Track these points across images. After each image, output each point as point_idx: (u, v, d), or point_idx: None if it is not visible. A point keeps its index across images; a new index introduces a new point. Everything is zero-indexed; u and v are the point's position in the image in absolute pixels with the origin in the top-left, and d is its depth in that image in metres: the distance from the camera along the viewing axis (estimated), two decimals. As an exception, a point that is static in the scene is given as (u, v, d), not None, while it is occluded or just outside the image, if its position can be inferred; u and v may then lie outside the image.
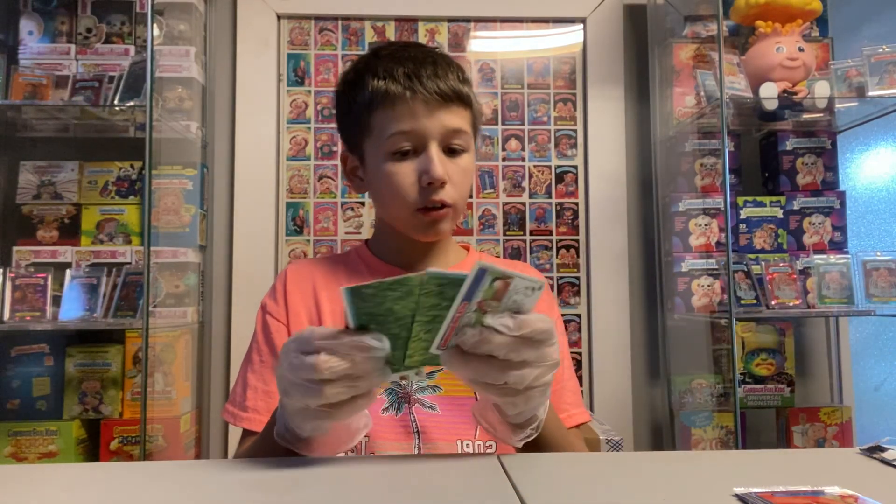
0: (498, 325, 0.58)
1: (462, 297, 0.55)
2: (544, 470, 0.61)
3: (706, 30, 1.85)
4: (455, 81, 0.90)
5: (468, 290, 0.55)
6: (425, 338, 0.59)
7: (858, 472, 0.60)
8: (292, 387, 0.60)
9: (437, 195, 0.88)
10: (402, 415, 0.88)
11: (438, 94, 0.88)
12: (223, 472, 0.61)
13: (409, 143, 0.89)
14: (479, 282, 0.54)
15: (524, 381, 0.61)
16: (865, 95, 1.66)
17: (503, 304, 0.57)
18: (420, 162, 0.88)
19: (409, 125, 0.88)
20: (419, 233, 0.93)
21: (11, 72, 1.64)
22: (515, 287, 0.56)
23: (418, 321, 0.57)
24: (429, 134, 0.88)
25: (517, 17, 1.95)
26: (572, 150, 1.93)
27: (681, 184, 1.84)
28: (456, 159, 0.91)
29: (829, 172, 1.81)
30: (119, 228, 1.70)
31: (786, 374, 1.76)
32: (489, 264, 0.54)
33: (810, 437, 1.73)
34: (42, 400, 1.63)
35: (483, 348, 0.58)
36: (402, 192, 0.90)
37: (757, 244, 1.77)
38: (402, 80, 0.89)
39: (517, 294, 0.57)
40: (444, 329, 0.57)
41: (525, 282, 0.56)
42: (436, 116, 0.88)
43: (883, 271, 1.68)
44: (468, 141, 0.92)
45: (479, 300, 0.56)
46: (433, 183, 0.87)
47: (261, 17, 1.88)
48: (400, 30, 1.93)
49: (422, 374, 0.90)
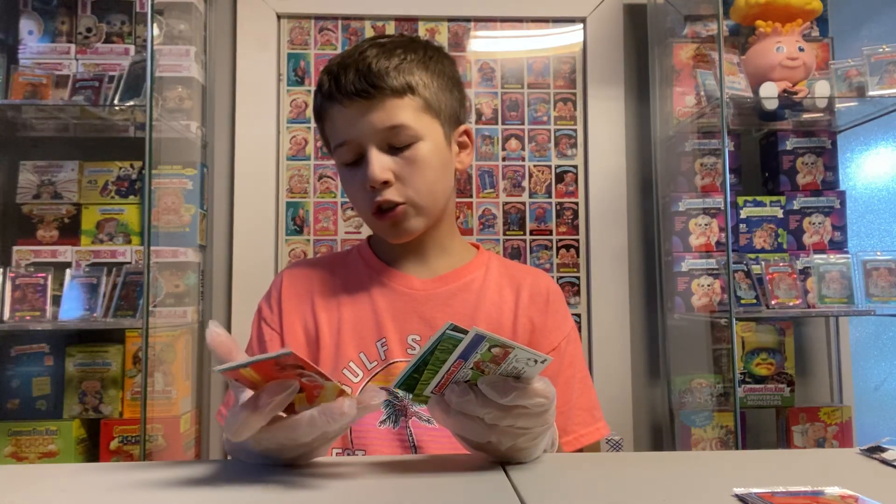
0: (486, 391, 0.55)
1: (457, 356, 0.54)
2: (544, 470, 0.61)
3: (706, 29, 1.85)
4: (384, 75, 0.84)
5: (464, 351, 0.53)
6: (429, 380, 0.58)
7: (858, 472, 0.60)
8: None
9: (382, 196, 0.86)
10: (399, 428, 0.87)
11: (360, 95, 0.84)
12: (223, 472, 0.61)
13: (350, 151, 0.87)
14: (475, 347, 0.53)
15: (509, 444, 0.58)
16: (865, 95, 1.66)
17: (503, 369, 0.55)
18: (363, 168, 0.86)
19: (343, 134, 0.87)
20: (386, 236, 0.92)
21: (11, 71, 1.64)
22: (516, 356, 0.54)
23: (430, 365, 0.55)
24: (362, 138, 0.86)
25: (517, 16, 1.94)
26: (572, 149, 1.93)
27: (681, 183, 1.84)
28: (404, 153, 0.87)
29: (830, 172, 1.81)
30: (119, 228, 1.70)
31: (786, 374, 1.76)
32: (487, 333, 0.52)
33: (810, 437, 1.73)
34: (42, 400, 1.63)
35: (466, 408, 0.56)
36: (354, 199, 0.91)
37: (757, 244, 1.77)
38: (327, 90, 0.88)
39: (517, 363, 0.55)
40: (438, 378, 0.56)
41: (527, 354, 0.54)
42: (365, 119, 0.85)
43: (883, 271, 1.68)
44: (417, 129, 0.86)
45: (477, 360, 0.54)
46: (374, 186, 0.86)
47: (261, 17, 1.88)
48: (400, 29, 1.93)
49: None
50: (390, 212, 0.87)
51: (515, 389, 0.55)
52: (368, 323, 0.92)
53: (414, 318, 0.92)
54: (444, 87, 0.91)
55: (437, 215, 0.93)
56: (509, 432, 0.57)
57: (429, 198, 0.89)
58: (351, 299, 0.94)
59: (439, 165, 0.90)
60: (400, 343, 0.91)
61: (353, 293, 0.95)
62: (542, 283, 0.99)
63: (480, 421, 0.56)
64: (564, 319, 0.98)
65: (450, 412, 0.57)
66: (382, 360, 0.90)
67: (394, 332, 0.91)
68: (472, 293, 0.95)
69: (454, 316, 0.90)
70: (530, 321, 0.95)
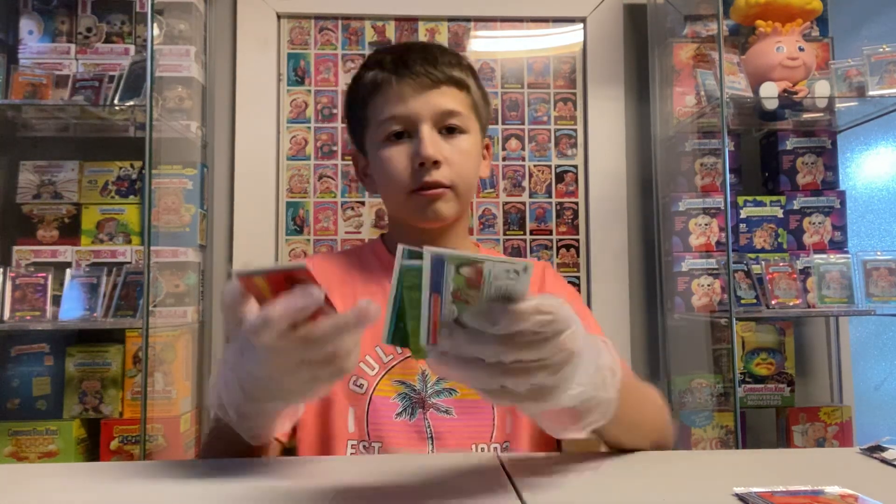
0: (471, 323, 0.48)
1: (428, 290, 0.47)
2: (544, 470, 0.61)
3: (706, 29, 1.85)
4: (446, 65, 0.89)
5: (432, 282, 0.47)
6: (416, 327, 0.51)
7: (858, 471, 0.60)
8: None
9: (431, 176, 0.87)
10: (416, 420, 0.87)
11: (426, 75, 0.87)
12: (223, 472, 0.61)
13: (400, 125, 0.88)
14: (441, 273, 0.47)
15: (526, 385, 0.49)
16: (865, 95, 1.66)
17: (485, 293, 0.47)
18: (413, 144, 0.87)
19: (399, 108, 0.87)
20: (417, 216, 0.90)
21: (11, 71, 1.64)
22: (493, 273, 0.47)
23: (409, 308, 0.49)
24: (419, 115, 0.87)
25: (517, 16, 1.94)
26: (572, 149, 1.93)
27: (681, 183, 1.84)
28: (453, 139, 0.89)
29: (830, 172, 1.81)
30: (119, 228, 1.70)
31: (786, 374, 1.76)
32: (445, 250, 0.46)
33: (810, 437, 1.73)
34: (42, 399, 1.63)
35: (459, 350, 0.48)
36: (395, 175, 0.88)
37: (757, 244, 1.77)
38: (390, 67, 0.89)
39: (498, 280, 0.47)
40: (425, 323, 0.49)
41: (504, 265, 0.46)
42: (426, 97, 0.87)
43: (883, 271, 1.68)
44: (466, 122, 0.90)
45: (453, 291, 0.47)
46: (424, 163, 0.86)
47: (261, 17, 1.88)
48: (400, 29, 1.93)
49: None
50: (430, 190, 0.87)
51: (504, 312, 0.47)
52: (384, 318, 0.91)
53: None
54: (484, 99, 0.96)
55: (464, 209, 0.95)
56: (521, 370, 0.49)
57: (467, 188, 0.92)
58: (367, 294, 0.93)
59: (477, 162, 0.94)
60: None
61: (369, 288, 0.94)
62: (536, 270, 1.00)
63: (481, 363, 0.49)
64: (562, 288, 1.02)
65: (448, 362, 0.49)
66: (399, 354, 0.90)
67: None
68: None
69: None
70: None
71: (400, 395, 0.87)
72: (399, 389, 0.88)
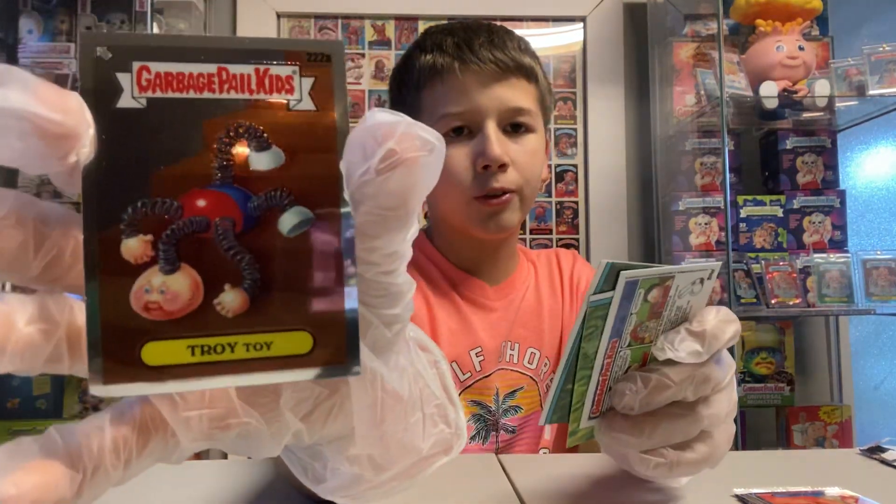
0: (682, 353, 0.38)
1: (610, 334, 0.36)
2: (544, 470, 0.61)
3: (706, 28, 1.85)
4: (515, 51, 0.78)
5: (615, 321, 0.36)
6: (583, 394, 0.39)
7: (858, 472, 0.60)
8: None
9: (497, 181, 0.75)
10: (489, 443, 0.80)
11: (494, 63, 0.76)
12: (223, 472, 0.61)
13: (461, 121, 0.76)
14: (627, 305, 0.36)
15: (723, 413, 0.41)
16: (865, 94, 1.66)
17: (664, 321, 0.38)
18: (475, 143, 0.76)
19: (462, 103, 0.76)
20: (479, 227, 0.78)
21: (11, 71, 1.64)
22: (678, 289, 0.37)
23: (580, 369, 0.38)
24: (484, 111, 0.76)
25: (517, 16, 1.94)
26: (572, 148, 1.93)
27: (681, 182, 1.83)
28: (519, 139, 0.78)
29: (830, 171, 1.81)
30: (119, 227, 1.70)
31: (786, 373, 1.76)
32: (638, 271, 0.35)
33: (810, 436, 1.73)
34: (42, 399, 1.63)
35: (660, 399, 0.38)
36: (454, 177, 0.76)
37: (757, 243, 1.77)
38: (452, 51, 0.77)
39: (681, 298, 0.38)
40: (592, 388, 0.38)
41: (689, 276, 0.37)
42: (492, 91, 0.76)
43: (883, 270, 1.68)
44: (534, 120, 0.79)
45: (633, 328, 0.37)
46: (490, 166, 0.75)
47: (261, 16, 1.88)
48: (400, 28, 1.93)
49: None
50: (495, 198, 0.76)
51: (709, 332, 0.38)
52: (458, 331, 0.82)
53: (503, 327, 0.83)
54: (549, 89, 0.85)
55: (525, 215, 0.85)
56: (717, 397, 0.41)
57: (532, 192, 0.81)
58: (439, 302, 0.83)
59: (543, 164, 0.83)
60: (495, 352, 0.82)
61: (439, 297, 0.83)
62: (567, 257, 0.96)
63: (681, 408, 0.39)
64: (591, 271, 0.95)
65: (638, 425, 0.39)
66: (477, 372, 0.81)
67: (489, 340, 0.82)
68: (532, 293, 0.88)
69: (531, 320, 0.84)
70: (578, 289, 0.91)
71: (474, 417, 0.80)
72: (474, 410, 0.80)
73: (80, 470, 0.22)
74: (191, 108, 0.22)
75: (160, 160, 0.21)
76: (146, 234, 0.21)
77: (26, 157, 0.20)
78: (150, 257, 0.21)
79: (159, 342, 0.21)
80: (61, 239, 0.21)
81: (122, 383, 0.21)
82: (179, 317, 0.22)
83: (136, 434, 0.23)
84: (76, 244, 0.21)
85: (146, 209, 0.21)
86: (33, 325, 0.21)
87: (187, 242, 0.22)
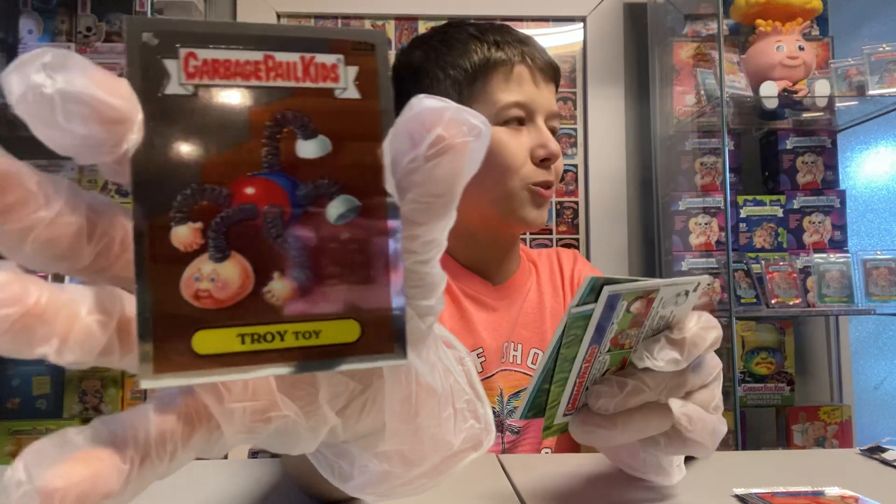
0: (661, 363, 0.40)
1: (589, 342, 0.38)
2: (544, 470, 0.61)
3: (706, 28, 1.85)
4: (552, 59, 0.85)
5: (596, 330, 0.38)
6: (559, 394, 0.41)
7: (858, 472, 0.60)
8: None
9: (551, 173, 0.81)
10: (494, 445, 0.80)
11: (550, 66, 0.83)
12: (223, 472, 0.61)
13: (522, 112, 0.80)
14: (609, 315, 0.37)
15: (697, 415, 0.42)
16: (865, 94, 1.66)
17: (646, 329, 0.40)
18: (533, 135, 0.80)
19: (525, 95, 0.80)
20: (525, 213, 0.80)
21: (11, 71, 1.64)
22: (662, 301, 0.39)
23: (557, 371, 0.39)
24: (539, 107, 0.81)
25: (517, 16, 1.94)
26: (572, 149, 1.93)
27: (681, 182, 1.84)
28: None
29: (830, 171, 1.81)
30: (119, 227, 1.70)
31: (786, 373, 1.76)
32: (621, 285, 0.37)
33: (810, 436, 1.73)
34: (42, 399, 1.63)
35: (635, 401, 0.41)
36: (515, 164, 0.78)
37: (757, 243, 1.77)
38: (515, 47, 0.82)
39: (664, 308, 0.39)
40: (569, 389, 0.40)
41: (674, 289, 0.39)
42: (546, 91, 0.82)
43: (883, 270, 1.68)
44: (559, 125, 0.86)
45: (613, 336, 0.39)
46: (549, 158, 0.79)
47: (260, 16, 1.88)
48: (400, 28, 1.93)
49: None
50: (547, 189, 0.81)
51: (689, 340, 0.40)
52: (460, 332, 0.82)
53: (505, 327, 0.85)
54: None
55: None
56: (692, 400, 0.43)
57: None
58: (458, 318, 0.84)
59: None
60: (497, 353, 0.83)
61: (461, 310, 0.84)
62: (568, 256, 0.97)
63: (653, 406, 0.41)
64: (592, 271, 0.97)
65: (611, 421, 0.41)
66: (480, 372, 0.82)
67: (491, 340, 0.83)
68: (534, 294, 0.89)
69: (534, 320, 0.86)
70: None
71: None
72: None
73: (127, 462, 0.21)
74: (238, 96, 0.22)
75: (208, 147, 0.21)
76: (196, 221, 0.21)
77: (86, 144, 0.20)
78: (199, 245, 0.21)
79: (210, 330, 0.21)
80: (110, 228, 0.21)
81: (173, 372, 0.21)
82: (229, 305, 0.21)
83: (181, 425, 0.22)
84: (124, 233, 0.21)
85: (196, 197, 0.21)
86: (93, 316, 0.21)
87: (236, 230, 0.21)
